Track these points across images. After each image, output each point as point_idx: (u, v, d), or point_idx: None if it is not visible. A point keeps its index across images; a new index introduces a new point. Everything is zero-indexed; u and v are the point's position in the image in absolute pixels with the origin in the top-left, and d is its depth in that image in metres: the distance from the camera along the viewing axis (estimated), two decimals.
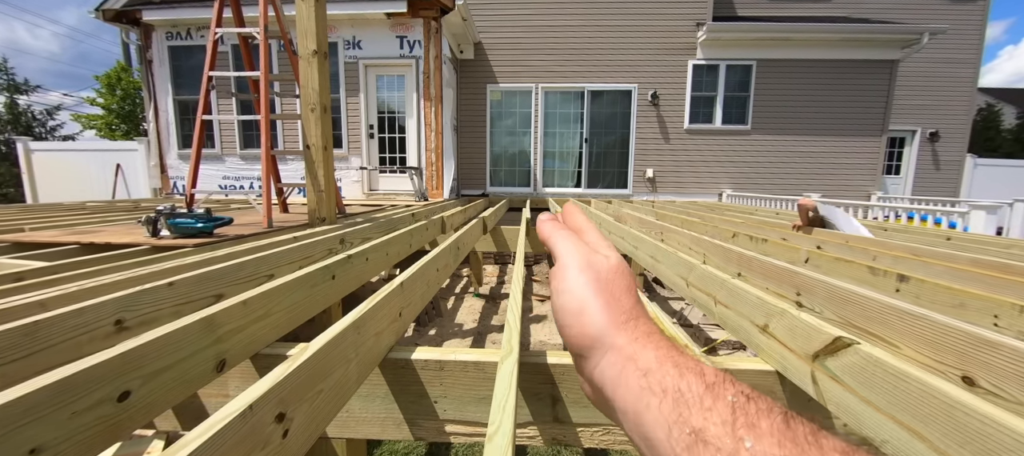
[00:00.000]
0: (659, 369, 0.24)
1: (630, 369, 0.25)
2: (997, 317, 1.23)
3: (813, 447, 0.18)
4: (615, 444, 1.14)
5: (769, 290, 1.70)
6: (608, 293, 0.30)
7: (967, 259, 2.03)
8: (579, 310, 0.30)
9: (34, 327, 0.93)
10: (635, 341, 0.27)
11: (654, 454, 0.22)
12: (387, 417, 1.16)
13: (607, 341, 0.28)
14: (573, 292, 0.30)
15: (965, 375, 0.92)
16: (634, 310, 0.29)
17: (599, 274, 0.31)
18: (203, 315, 0.97)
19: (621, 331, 0.28)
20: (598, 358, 0.28)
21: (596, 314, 0.29)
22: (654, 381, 0.23)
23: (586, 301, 0.30)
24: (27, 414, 0.64)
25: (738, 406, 0.20)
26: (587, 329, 0.29)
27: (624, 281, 0.31)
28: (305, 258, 2.07)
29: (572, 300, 0.30)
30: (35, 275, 1.45)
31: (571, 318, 0.30)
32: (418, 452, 1.92)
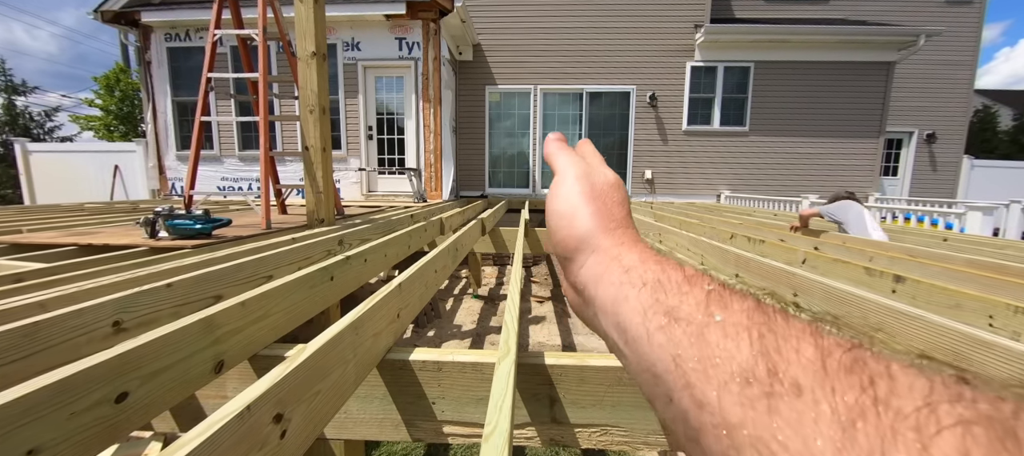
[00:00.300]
0: (641, 266, 0.24)
1: (613, 267, 0.26)
2: (992, 317, 1.24)
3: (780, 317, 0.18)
4: (613, 445, 1.14)
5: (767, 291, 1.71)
6: (600, 201, 0.31)
7: (963, 260, 2.04)
8: (570, 213, 0.30)
9: (34, 328, 0.93)
10: (621, 244, 0.27)
11: (627, 339, 0.23)
12: (385, 418, 1.16)
13: (593, 242, 0.28)
14: (567, 197, 0.31)
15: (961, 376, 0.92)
16: (624, 220, 0.30)
17: (594, 185, 0.32)
18: (202, 316, 0.97)
19: (608, 235, 0.28)
20: (583, 258, 0.29)
21: (586, 218, 0.30)
22: (635, 275, 0.24)
23: (578, 206, 0.30)
24: (26, 415, 0.64)
25: (714, 291, 0.21)
26: (575, 231, 0.29)
27: (618, 195, 0.32)
28: (304, 259, 2.07)
29: (564, 204, 0.31)
30: (34, 276, 1.45)
31: (562, 220, 0.31)
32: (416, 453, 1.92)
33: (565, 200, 0.31)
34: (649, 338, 0.21)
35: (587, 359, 1.14)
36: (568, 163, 0.34)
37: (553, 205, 0.33)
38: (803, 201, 5.59)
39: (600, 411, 1.12)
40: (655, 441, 1.14)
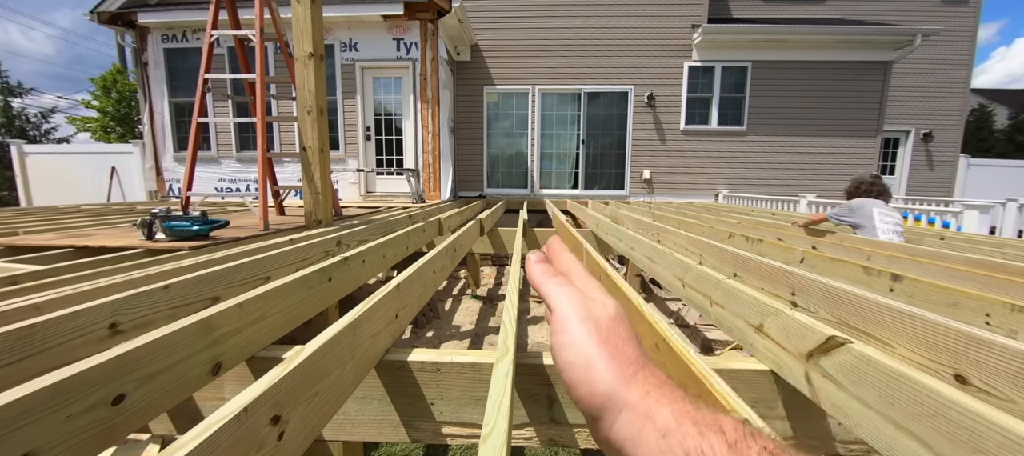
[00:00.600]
0: (678, 429, 0.23)
1: (648, 429, 0.25)
2: (989, 316, 1.24)
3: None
4: None
5: (765, 290, 1.71)
6: (611, 345, 0.29)
7: (961, 259, 2.04)
8: (586, 365, 0.29)
9: (29, 330, 0.92)
10: (647, 395, 0.26)
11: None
12: (384, 419, 1.15)
13: (619, 398, 0.27)
14: (577, 346, 0.30)
15: (958, 373, 0.93)
16: (639, 359, 0.29)
17: (599, 324, 0.31)
18: (199, 318, 0.97)
19: (632, 386, 0.27)
20: (613, 417, 0.27)
21: (603, 370, 0.28)
22: (675, 442, 0.23)
23: (591, 355, 0.29)
24: (22, 417, 0.63)
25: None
26: (597, 387, 0.28)
27: (625, 329, 0.31)
28: (302, 260, 2.06)
29: (577, 355, 0.30)
30: (30, 278, 1.44)
31: (579, 375, 0.30)
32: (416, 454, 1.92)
33: (576, 350, 0.30)
34: None
35: None
36: (565, 300, 0.33)
37: (564, 355, 0.31)
38: (800, 201, 5.60)
39: None
40: None
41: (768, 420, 1.11)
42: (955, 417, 0.64)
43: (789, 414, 1.10)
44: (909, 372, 0.73)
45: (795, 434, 1.14)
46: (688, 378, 0.77)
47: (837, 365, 0.87)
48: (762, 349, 1.13)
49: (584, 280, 0.36)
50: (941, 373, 0.96)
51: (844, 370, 0.85)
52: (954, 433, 0.64)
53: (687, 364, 0.76)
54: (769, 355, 1.09)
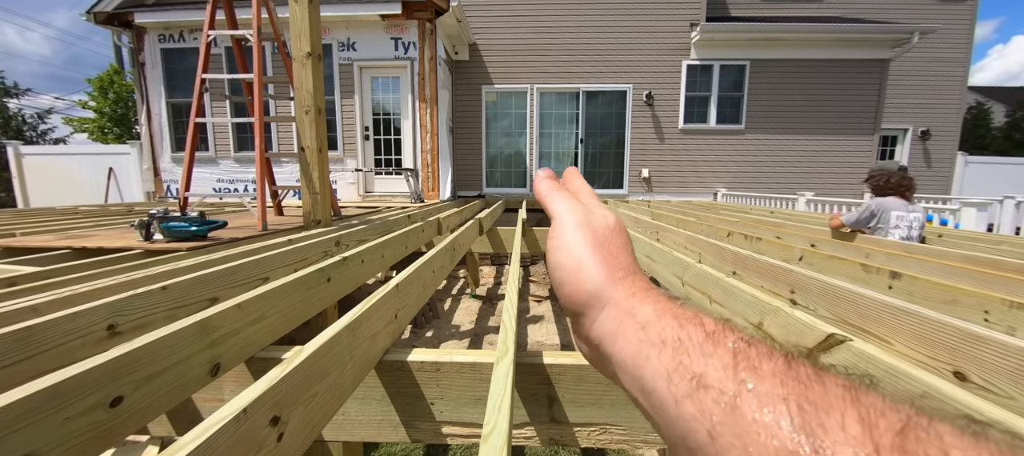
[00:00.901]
0: (658, 321, 0.23)
1: (628, 323, 0.25)
2: (987, 313, 1.24)
3: (816, 382, 0.17)
4: (612, 443, 1.14)
5: (764, 288, 1.71)
6: (605, 249, 0.30)
7: (959, 256, 2.05)
8: (576, 266, 0.29)
9: (27, 332, 0.92)
10: (632, 295, 0.26)
11: (653, 403, 0.22)
12: (383, 419, 1.15)
13: (604, 295, 0.28)
14: (570, 248, 0.30)
15: (957, 370, 0.93)
16: (631, 266, 0.29)
17: (596, 231, 0.31)
18: (197, 319, 0.96)
19: (619, 286, 0.28)
20: (595, 313, 0.28)
21: (593, 270, 0.29)
22: (653, 333, 0.23)
23: (583, 257, 0.29)
24: (20, 420, 0.63)
25: (739, 351, 0.20)
26: (584, 285, 0.29)
27: (621, 239, 0.31)
28: (300, 261, 2.06)
29: (569, 256, 0.30)
30: (28, 280, 1.43)
31: (568, 274, 0.30)
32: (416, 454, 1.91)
33: (568, 251, 0.30)
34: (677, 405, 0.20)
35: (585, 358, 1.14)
36: (566, 208, 0.33)
37: (556, 257, 0.31)
38: (799, 199, 5.61)
39: (599, 410, 1.12)
40: (653, 439, 1.14)
41: None
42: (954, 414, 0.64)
43: None
44: (908, 369, 0.74)
45: None
46: None
47: (837, 362, 0.87)
48: None
49: (591, 199, 0.36)
50: (940, 370, 0.96)
51: (844, 368, 0.85)
52: None
53: None
54: None
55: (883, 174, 2.92)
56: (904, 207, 2.71)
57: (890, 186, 2.83)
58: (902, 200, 2.76)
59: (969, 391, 0.91)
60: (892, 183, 2.83)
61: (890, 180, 2.84)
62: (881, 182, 2.88)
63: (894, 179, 2.83)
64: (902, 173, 2.86)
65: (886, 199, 2.78)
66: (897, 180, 2.82)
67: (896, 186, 2.81)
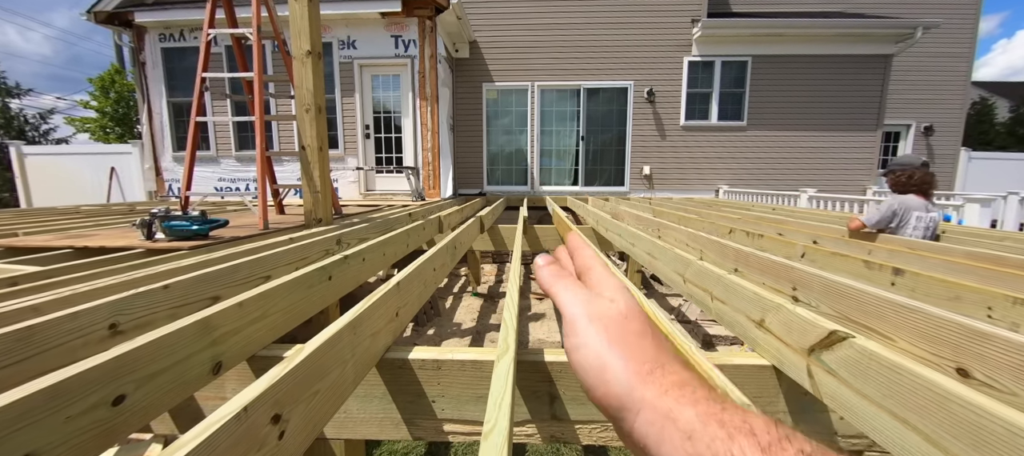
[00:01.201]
0: (704, 431, 0.22)
1: (670, 429, 0.24)
2: (991, 309, 1.24)
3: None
4: (613, 441, 1.14)
5: (766, 285, 1.70)
6: (623, 342, 0.29)
7: (962, 252, 2.04)
8: (600, 367, 0.28)
9: (28, 332, 0.92)
10: (666, 393, 0.25)
11: None
12: (385, 417, 1.15)
13: (636, 396, 0.26)
14: (588, 346, 0.29)
15: (959, 367, 0.93)
16: (656, 356, 0.28)
17: (609, 323, 0.30)
18: (198, 317, 0.96)
19: (648, 383, 0.26)
20: (632, 416, 0.26)
21: (618, 368, 0.27)
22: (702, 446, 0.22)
23: (603, 355, 0.28)
24: (22, 418, 0.63)
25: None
26: (612, 387, 0.27)
27: (636, 324, 0.30)
28: (301, 259, 2.06)
29: (589, 356, 0.29)
30: (29, 280, 1.44)
31: (593, 377, 0.29)
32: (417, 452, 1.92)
33: (587, 350, 0.29)
34: None
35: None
36: (573, 299, 0.32)
37: (576, 357, 0.30)
38: (801, 195, 5.59)
39: None
40: None
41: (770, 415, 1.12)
42: (958, 411, 0.64)
43: (790, 409, 1.10)
44: (911, 365, 0.73)
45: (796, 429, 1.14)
46: None
47: (839, 359, 0.87)
48: (764, 344, 1.13)
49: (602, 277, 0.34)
50: (943, 367, 0.95)
51: (846, 364, 0.85)
52: (957, 426, 0.63)
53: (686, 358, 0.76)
54: (771, 350, 1.09)
55: (906, 169, 2.72)
56: (924, 208, 2.57)
57: (912, 183, 2.64)
58: (923, 199, 2.61)
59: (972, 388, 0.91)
60: (915, 180, 2.65)
61: (912, 177, 2.65)
62: (903, 178, 2.69)
63: (917, 175, 2.66)
64: (925, 170, 2.67)
65: (908, 197, 2.62)
66: (920, 177, 2.65)
67: (919, 183, 2.64)
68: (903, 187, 2.64)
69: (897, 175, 2.71)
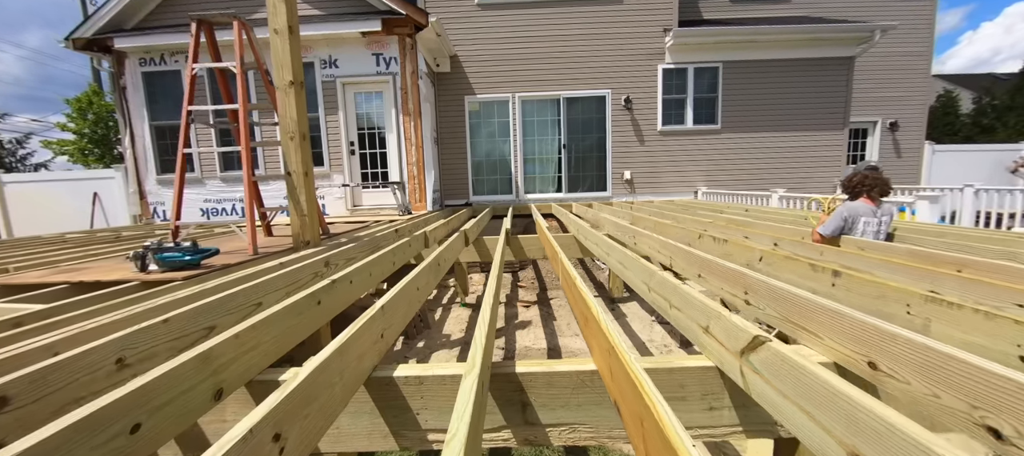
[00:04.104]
0: None
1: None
2: (909, 306, 1.40)
3: None
4: (580, 441, 1.27)
5: (724, 289, 1.86)
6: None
7: (904, 251, 2.22)
8: None
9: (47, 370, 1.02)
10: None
11: None
12: (374, 430, 1.27)
13: None
14: None
15: (871, 361, 1.08)
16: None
17: None
18: (198, 351, 1.07)
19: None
20: None
21: None
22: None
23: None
24: (58, 450, 0.74)
25: None
26: None
27: None
28: (292, 284, 2.15)
29: None
30: (34, 319, 1.52)
31: None
32: None
33: None
34: None
35: (554, 365, 1.27)
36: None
37: None
38: (772, 195, 5.83)
39: (567, 411, 1.25)
40: (618, 435, 1.27)
41: (716, 411, 1.26)
42: (844, 405, 0.78)
43: (734, 404, 1.24)
44: (809, 365, 0.88)
45: (741, 422, 1.29)
46: (626, 381, 0.90)
47: (761, 361, 1.01)
48: (709, 347, 1.27)
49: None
50: (858, 361, 1.11)
51: (767, 365, 1.00)
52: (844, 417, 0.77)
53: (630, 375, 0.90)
54: (714, 353, 1.24)
55: (853, 176, 2.86)
56: (871, 212, 2.72)
57: (863, 185, 2.78)
58: (870, 204, 2.75)
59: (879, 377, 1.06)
60: (865, 183, 2.80)
61: (863, 180, 2.81)
62: (853, 182, 2.84)
63: (857, 178, 2.84)
64: (868, 172, 2.83)
65: (856, 204, 2.77)
66: (860, 179, 2.82)
67: (861, 184, 2.80)
68: (853, 190, 2.82)
69: (846, 181, 2.90)
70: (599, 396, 1.25)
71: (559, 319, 4.42)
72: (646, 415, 0.74)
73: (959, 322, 1.22)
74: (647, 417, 0.74)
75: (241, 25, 2.66)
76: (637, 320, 4.36)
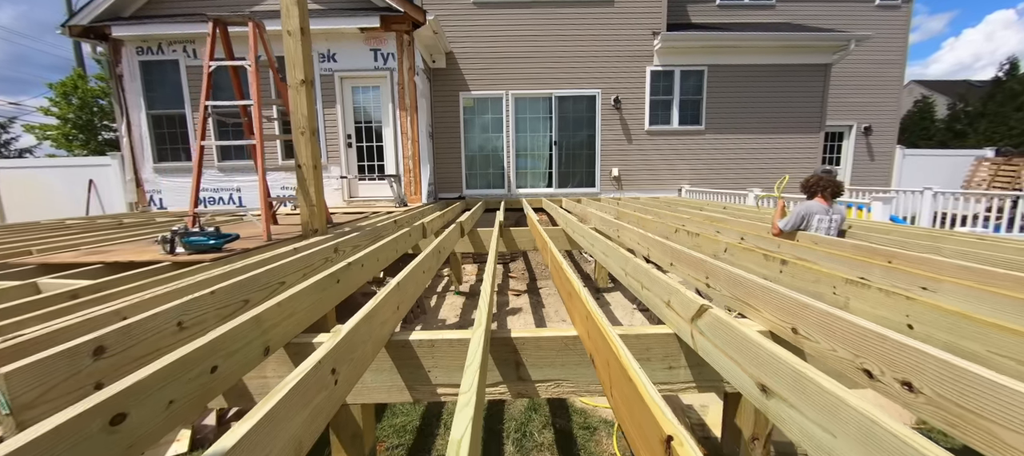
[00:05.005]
0: None
1: None
2: (835, 287, 1.70)
3: None
4: (563, 393, 1.54)
5: (690, 275, 2.15)
6: None
7: (849, 245, 2.54)
8: None
9: (129, 328, 1.25)
10: None
11: None
12: (392, 385, 1.53)
13: None
14: None
15: (793, 327, 1.37)
16: None
17: None
18: (252, 314, 1.32)
19: None
20: None
21: None
22: None
23: None
24: (163, 381, 0.98)
25: None
26: None
27: None
28: (307, 267, 2.38)
29: None
30: (88, 292, 1.73)
31: None
32: (413, 425, 2.27)
33: None
34: None
35: (542, 332, 1.54)
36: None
37: None
38: (749, 194, 6.17)
39: (553, 369, 1.52)
40: (595, 390, 1.55)
41: (674, 370, 1.54)
42: (755, 349, 1.05)
43: (689, 363, 1.52)
44: (732, 322, 1.15)
45: (695, 380, 1.57)
46: (602, 342, 1.17)
47: (705, 324, 1.29)
48: (670, 318, 1.55)
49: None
50: (785, 328, 1.39)
51: (708, 326, 1.27)
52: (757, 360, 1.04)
53: (602, 331, 1.17)
54: (673, 322, 1.52)
55: (810, 178, 3.21)
56: (824, 210, 3.04)
57: (817, 187, 3.12)
58: (823, 203, 3.07)
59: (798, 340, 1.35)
60: (812, 183, 3.16)
61: (810, 181, 3.18)
62: (810, 183, 3.19)
63: (813, 180, 3.18)
64: (823, 175, 3.15)
65: (811, 204, 3.08)
66: (816, 181, 3.15)
67: (815, 186, 3.14)
68: (809, 191, 3.16)
69: (804, 183, 3.25)
70: (579, 357, 1.52)
71: (548, 306, 4.70)
72: (610, 355, 1.01)
73: (868, 299, 1.51)
74: (611, 357, 1.01)
75: (255, 25, 2.85)
76: (620, 308, 4.66)
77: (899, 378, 0.96)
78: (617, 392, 0.98)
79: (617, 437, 2.23)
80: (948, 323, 1.23)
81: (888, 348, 0.98)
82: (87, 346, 1.09)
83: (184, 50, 6.84)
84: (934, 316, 1.29)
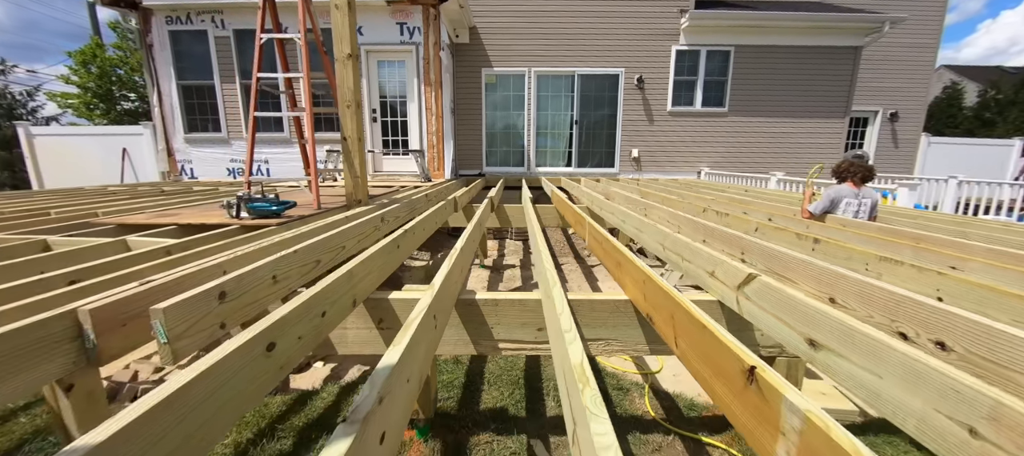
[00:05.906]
0: None
1: None
2: (867, 264, 1.81)
3: None
4: (612, 351, 1.70)
5: (724, 251, 2.27)
6: None
7: (876, 228, 2.63)
8: None
9: (241, 278, 1.41)
10: None
11: None
12: (459, 339, 1.70)
13: None
14: None
15: (830, 297, 1.49)
16: None
17: None
18: (345, 270, 1.48)
19: None
20: None
21: None
22: None
23: None
24: (298, 313, 1.14)
25: None
26: None
27: None
28: (361, 235, 2.55)
29: None
30: (180, 249, 1.91)
31: None
32: (458, 380, 2.47)
33: None
34: None
35: (596, 296, 1.69)
36: None
37: None
38: (771, 178, 6.20)
39: (605, 329, 1.68)
40: (641, 349, 1.70)
41: None
42: (801, 308, 1.19)
43: (730, 328, 1.66)
44: (783, 287, 1.28)
45: None
46: (664, 299, 1.31)
47: (752, 290, 1.42)
48: (713, 287, 1.69)
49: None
50: (822, 298, 1.52)
51: (755, 292, 1.41)
52: (805, 319, 1.18)
53: (665, 290, 1.31)
54: (716, 290, 1.65)
55: (841, 163, 3.24)
56: (852, 194, 3.10)
57: (848, 172, 3.16)
58: (852, 187, 3.13)
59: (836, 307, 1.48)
60: (842, 168, 3.20)
61: (841, 166, 3.22)
62: (841, 168, 3.22)
63: (843, 165, 3.22)
64: (853, 160, 3.18)
65: (841, 187, 3.14)
66: (847, 166, 3.19)
67: (846, 171, 3.18)
68: (839, 175, 3.22)
69: (835, 168, 3.30)
70: (628, 320, 1.67)
71: (571, 281, 4.86)
72: (676, 309, 1.15)
73: (900, 275, 1.63)
74: (677, 310, 1.15)
75: (305, 1, 2.95)
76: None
77: (933, 339, 1.09)
78: (684, 341, 1.12)
79: (648, 396, 2.41)
80: (977, 296, 1.36)
81: (923, 312, 1.11)
82: (214, 290, 1.26)
83: (212, 20, 6.92)
84: (963, 289, 1.41)
